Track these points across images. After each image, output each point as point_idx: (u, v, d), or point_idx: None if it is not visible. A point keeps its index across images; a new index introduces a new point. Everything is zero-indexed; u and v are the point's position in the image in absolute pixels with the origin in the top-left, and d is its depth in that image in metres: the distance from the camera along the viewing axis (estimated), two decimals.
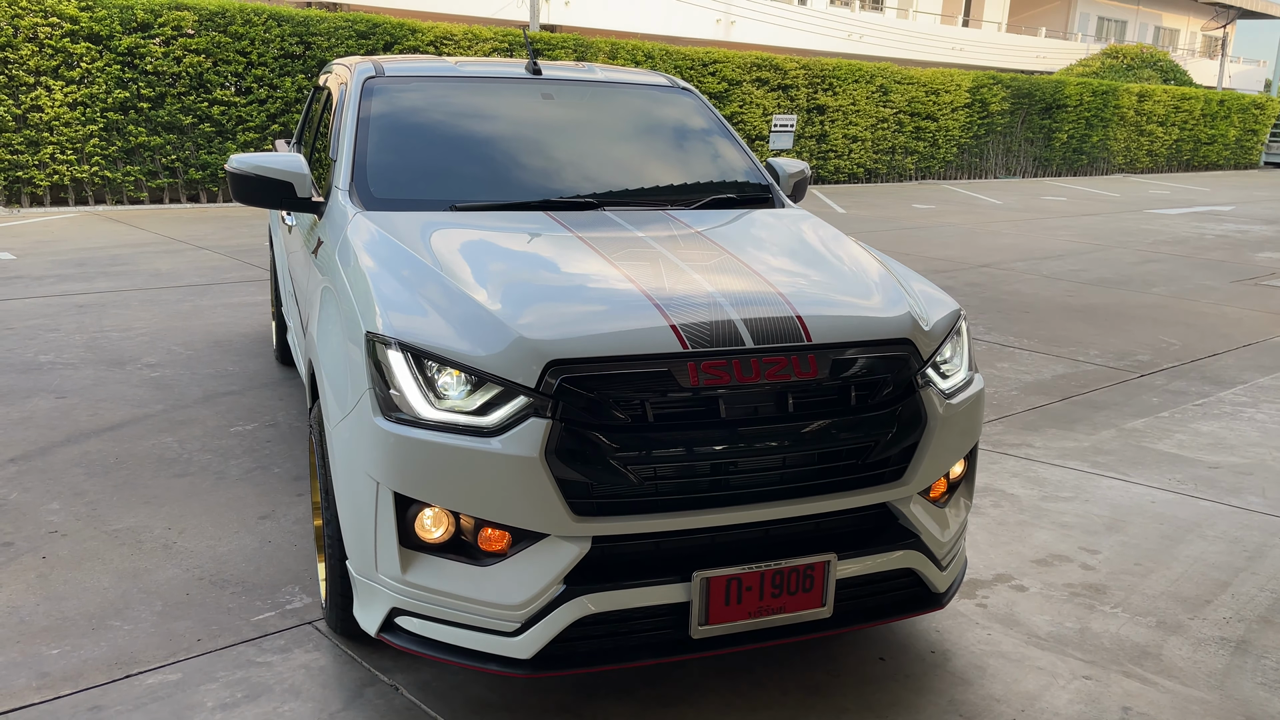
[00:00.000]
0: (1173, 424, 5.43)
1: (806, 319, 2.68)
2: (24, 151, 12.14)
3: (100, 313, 7.04)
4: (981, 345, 7.08)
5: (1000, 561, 3.70)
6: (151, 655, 2.94)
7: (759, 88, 18.73)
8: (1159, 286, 9.81)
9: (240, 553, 3.59)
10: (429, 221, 3.24)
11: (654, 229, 3.32)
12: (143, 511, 3.91)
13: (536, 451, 2.39)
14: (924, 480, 2.76)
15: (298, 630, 3.10)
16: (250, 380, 5.61)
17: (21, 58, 11.90)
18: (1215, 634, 3.22)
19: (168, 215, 12.35)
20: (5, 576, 3.37)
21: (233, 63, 13.23)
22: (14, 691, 2.74)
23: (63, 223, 11.35)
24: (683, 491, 2.50)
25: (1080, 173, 26.34)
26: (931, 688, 2.88)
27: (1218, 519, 4.14)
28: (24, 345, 6.15)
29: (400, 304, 2.68)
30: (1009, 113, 23.51)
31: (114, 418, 4.94)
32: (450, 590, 2.50)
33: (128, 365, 5.82)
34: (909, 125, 21.39)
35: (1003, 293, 9.13)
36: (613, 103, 4.22)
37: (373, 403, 2.53)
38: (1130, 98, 26.73)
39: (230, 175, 3.54)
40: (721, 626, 2.54)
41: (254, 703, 2.73)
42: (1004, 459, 4.79)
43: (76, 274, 8.39)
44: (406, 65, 4.16)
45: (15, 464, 4.33)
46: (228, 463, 4.41)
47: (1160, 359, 6.89)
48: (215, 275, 8.58)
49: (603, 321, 2.57)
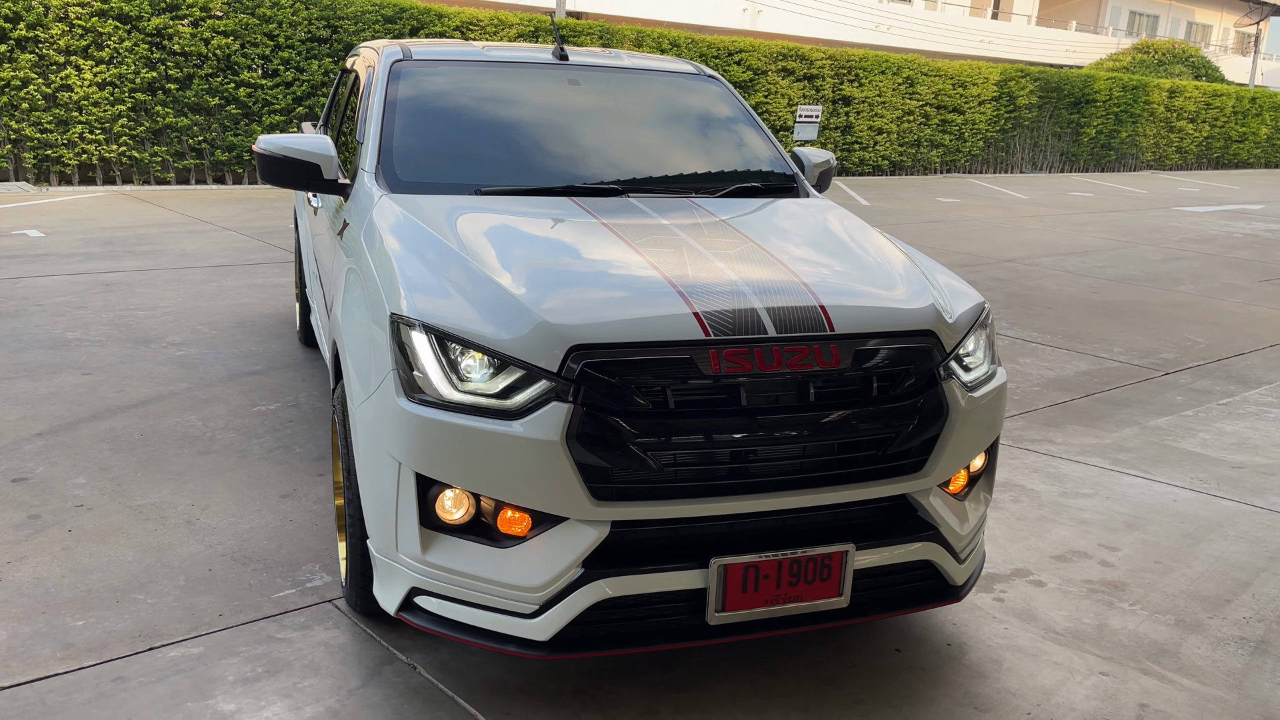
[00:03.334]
0: (1196, 423, 5.39)
1: (830, 309, 2.67)
2: (53, 130, 12.24)
3: (126, 291, 7.11)
4: (1004, 340, 7.04)
5: (1019, 556, 3.69)
6: (174, 629, 2.98)
7: (784, 78, 18.63)
8: (1185, 284, 9.71)
9: (262, 530, 3.63)
10: (454, 205, 3.25)
11: (678, 216, 3.32)
12: (167, 488, 3.95)
13: (558, 435, 2.40)
14: (944, 473, 2.76)
15: (318, 608, 3.13)
16: (274, 361, 5.65)
17: (52, 37, 11.98)
18: (1235, 633, 3.20)
19: (194, 196, 12.43)
20: (31, 549, 3.42)
21: (260, 45, 13.28)
22: (39, 661, 2.78)
23: (90, 201, 11.44)
24: (702, 478, 2.51)
25: (1108, 169, 26.08)
26: (947, 680, 2.88)
27: (1240, 519, 4.11)
28: (52, 322, 6.22)
29: (425, 286, 2.69)
30: (1037, 107, 23.29)
31: (139, 395, 4.99)
32: (469, 571, 2.52)
33: (153, 343, 5.87)
34: (935, 118, 21.23)
35: (1026, 288, 9.07)
36: (639, 89, 4.22)
37: (396, 384, 2.54)
38: (1161, 93, 26.43)
39: (258, 156, 3.56)
40: (738, 614, 2.55)
41: (274, 677, 2.76)
42: (1025, 454, 4.77)
43: (104, 252, 8.47)
44: (433, 49, 4.16)
45: (42, 438, 4.38)
46: (250, 441, 4.45)
47: (1185, 357, 6.83)
48: (240, 256, 8.64)
49: (626, 307, 2.57)
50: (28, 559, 3.35)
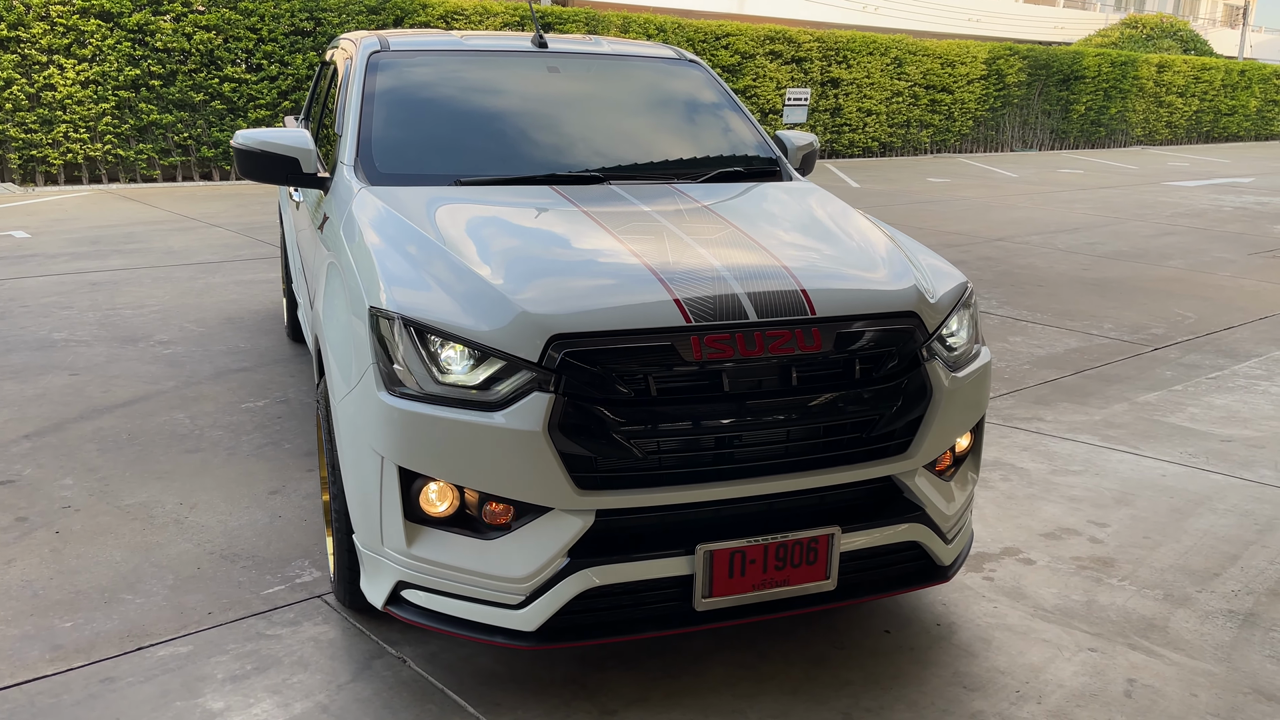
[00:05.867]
0: (1185, 397, 5.39)
1: (811, 293, 2.67)
2: (37, 130, 12.17)
3: (113, 290, 7.08)
4: (994, 319, 7.04)
5: (1008, 535, 3.69)
6: (163, 628, 2.97)
7: (772, 61, 18.57)
8: (1175, 259, 9.71)
9: (251, 527, 3.62)
10: (434, 197, 3.23)
11: (660, 203, 3.31)
12: (155, 487, 3.94)
13: (539, 425, 2.39)
14: (929, 454, 2.76)
15: (307, 604, 3.12)
16: (262, 357, 5.63)
17: (34, 36, 11.90)
18: (1223, 607, 3.21)
19: (181, 193, 12.37)
20: (19, 551, 3.41)
21: (243, 39, 13.20)
22: (27, 663, 2.78)
23: (77, 201, 11.39)
24: (686, 465, 2.51)
25: (1098, 145, 26.06)
26: (936, 660, 2.88)
27: (1229, 492, 4.12)
28: (38, 323, 6.20)
29: (404, 279, 2.68)
30: (1026, 84, 23.25)
31: (126, 394, 4.98)
32: (455, 563, 2.52)
33: (140, 342, 5.85)
34: (924, 98, 21.18)
35: (1016, 266, 9.07)
36: (619, 76, 4.19)
37: (376, 378, 2.53)
38: (1149, 68, 26.39)
39: (236, 151, 3.54)
40: (725, 599, 2.55)
41: (263, 674, 2.76)
42: (1015, 433, 4.77)
43: (90, 252, 8.43)
44: (412, 39, 4.14)
45: (29, 440, 4.37)
46: (239, 439, 4.44)
47: (1175, 332, 6.83)
48: (227, 253, 8.61)
49: (606, 296, 2.56)
50: (15, 561, 3.34)
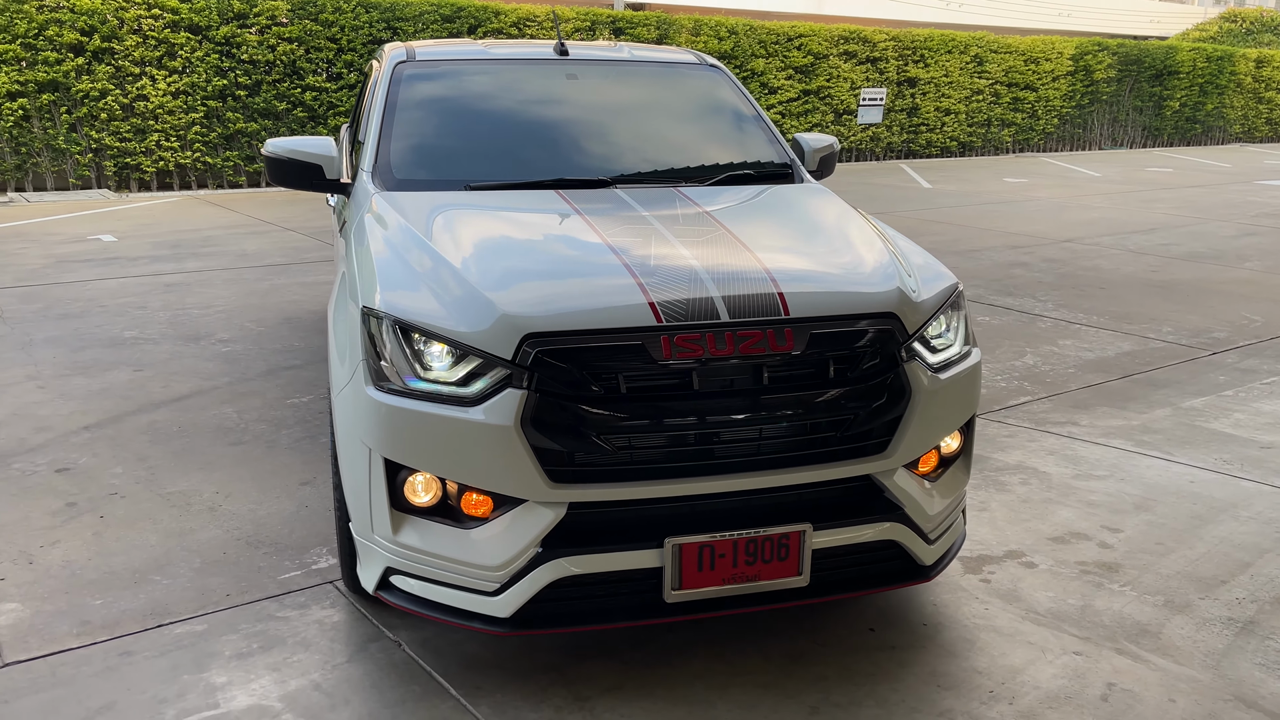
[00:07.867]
0: (1234, 403, 5.24)
1: (787, 295, 2.72)
2: (131, 139, 12.81)
3: (185, 291, 7.45)
4: (1045, 322, 6.92)
5: (1015, 538, 3.67)
6: (183, 607, 3.17)
7: (846, 61, 18.43)
8: (1252, 261, 9.38)
9: (278, 516, 3.82)
10: (437, 202, 3.37)
11: (659, 207, 3.39)
12: (196, 476, 4.18)
13: (512, 420, 2.50)
14: (908, 454, 2.78)
15: (319, 589, 3.29)
16: (313, 355, 5.88)
17: (127, 48, 12.53)
18: (1223, 614, 3.15)
19: (262, 198, 12.87)
20: (65, 534, 3.66)
21: (324, 49, 13.68)
22: (56, 637, 3.00)
23: (165, 206, 11.95)
24: (656, 461, 2.59)
25: (1194, 142, 25.16)
26: (916, 659, 2.90)
27: (1256, 500, 4.01)
28: (112, 321, 6.56)
29: (397, 281, 2.82)
30: (1115, 80, 22.58)
31: (183, 389, 5.26)
32: (437, 551, 2.65)
33: (203, 340, 6.16)
34: (1006, 96, 20.75)
35: (1080, 268, 8.87)
36: (637, 81, 4.29)
37: (366, 373, 2.68)
38: (1247, 64, 25.36)
39: (266, 159, 3.74)
40: (695, 592, 2.62)
41: (267, 653, 2.93)
42: (1044, 436, 4.71)
43: (170, 255, 8.86)
44: (438, 49, 4.30)
45: (89, 431, 4.66)
46: (279, 432, 4.66)
47: (1237, 336, 6.63)
48: (296, 255, 8.96)
49: (581, 297, 2.66)
50: (60, 543, 3.59)
